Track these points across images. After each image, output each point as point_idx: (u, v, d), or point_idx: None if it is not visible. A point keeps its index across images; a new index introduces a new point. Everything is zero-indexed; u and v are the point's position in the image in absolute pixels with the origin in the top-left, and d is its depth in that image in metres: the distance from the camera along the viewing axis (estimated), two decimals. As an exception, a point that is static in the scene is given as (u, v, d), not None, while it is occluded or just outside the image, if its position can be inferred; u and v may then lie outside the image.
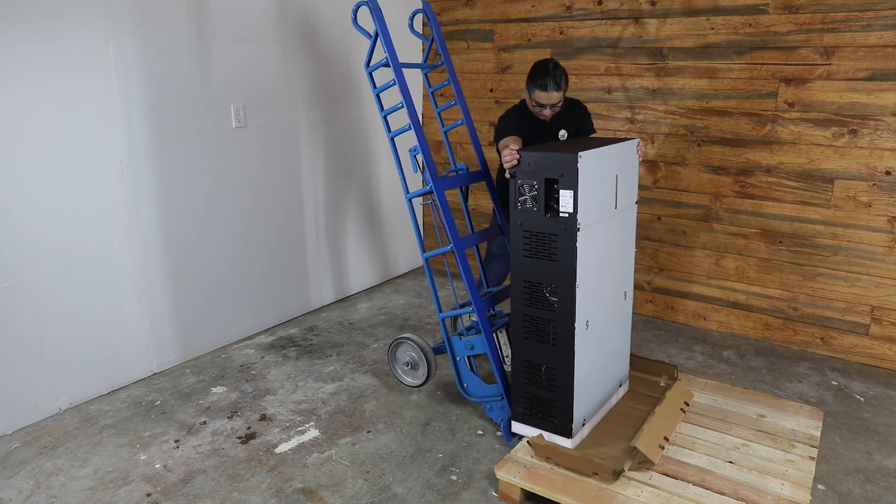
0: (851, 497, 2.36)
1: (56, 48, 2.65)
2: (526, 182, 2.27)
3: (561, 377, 2.34)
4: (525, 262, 2.34)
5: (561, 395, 2.36)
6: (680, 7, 3.57)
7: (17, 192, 2.61)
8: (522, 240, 2.32)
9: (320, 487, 2.38)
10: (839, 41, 3.19)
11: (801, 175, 3.41)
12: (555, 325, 2.31)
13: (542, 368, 2.38)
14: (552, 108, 2.82)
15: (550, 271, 2.28)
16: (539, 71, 2.75)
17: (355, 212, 4.26)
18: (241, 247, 3.56)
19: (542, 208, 2.25)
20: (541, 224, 2.27)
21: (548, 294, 2.31)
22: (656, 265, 3.96)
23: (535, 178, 2.24)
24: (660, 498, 2.13)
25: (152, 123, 3.03)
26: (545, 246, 2.27)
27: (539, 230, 2.28)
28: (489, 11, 4.26)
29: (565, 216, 2.20)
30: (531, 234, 2.30)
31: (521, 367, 2.44)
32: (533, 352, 2.39)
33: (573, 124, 2.99)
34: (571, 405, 2.34)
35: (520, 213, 2.31)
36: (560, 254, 2.25)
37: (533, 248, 2.31)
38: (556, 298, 2.29)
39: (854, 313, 3.40)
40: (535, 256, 2.30)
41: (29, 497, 2.31)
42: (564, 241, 2.22)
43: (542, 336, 2.36)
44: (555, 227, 2.24)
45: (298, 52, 3.68)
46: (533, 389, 2.42)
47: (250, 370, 3.28)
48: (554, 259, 2.26)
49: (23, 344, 2.71)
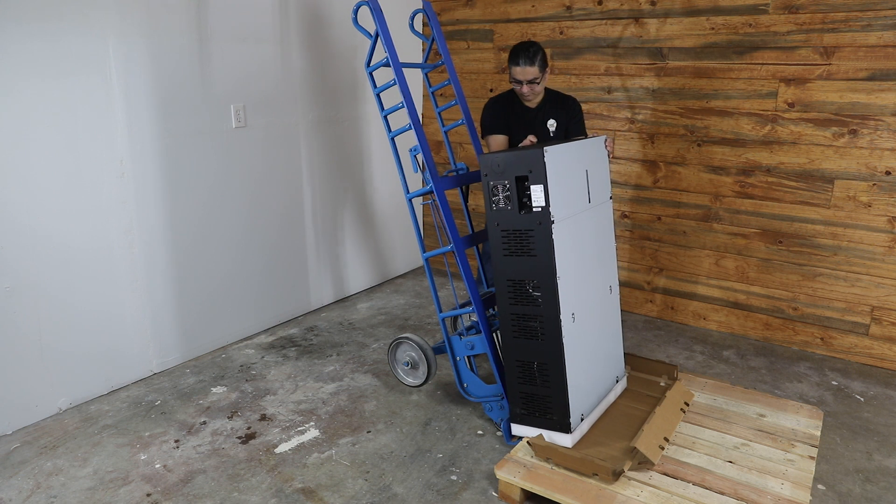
0: (851, 497, 2.36)
1: (56, 48, 2.65)
2: (498, 182, 2.32)
3: (553, 372, 2.36)
4: (506, 261, 2.38)
5: (556, 390, 2.37)
6: (680, 7, 3.57)
7: (17, 192, 2.61)
8: (501, 239, 2.37)
9: (320, 487, 2.38)
10: (839, 41, 3.19)
11: (801, 175, 3.41)
12: (541, 320, 2.34)
13: (533, 365, 2.40)
14: (530, 85, 2.91)
15: (531, 267, 2.33)
16: (515, 49, 2.90)
17: (355, 211, 4.26)
18: (241, 247, 3.56)
19: (515, 206, 2.31)
20: (516, 221, 2.32)
21: (531, 290, 2.34)
22: (656, 265, 3.96)
23: (506, 177, 2.30)
24: (660, 498, 2.13)
25: (152, 123, 3.03)
26: (523, 242, 2.32)
27: (515, 227, 2.33)
28: (489, 11, 4.27)
29: (538, 210, 2.26)
30: (508, 233, 2.35)
31: (513, 367, 2.45)
32: (523, 350, 2.41)
33: (563, 116, 3.05)
34: (567, 400, 2.35)
35: (495, 213, 2.36)
36: (538, 248, 2.29)
37: (511, 245, 2.35)
38: (539, 293, 2.32)
39: (854, 313, 3.40)
40: (515, 254, 2.35)
41: (29, 497, 2.31)
42: (540, 235, 2.28)
43: (530, 333, 2.38)
44: (530, 223, 2.29)
45: (298, 52, 3.68)
46: (527, 388, 2.43)
47: (250, 370, 3.28)
48: (532, 254, 2.31)
49: (23, 344, 2.71)
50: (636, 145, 3.86)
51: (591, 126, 3.99)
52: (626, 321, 3.97)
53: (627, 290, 4.10)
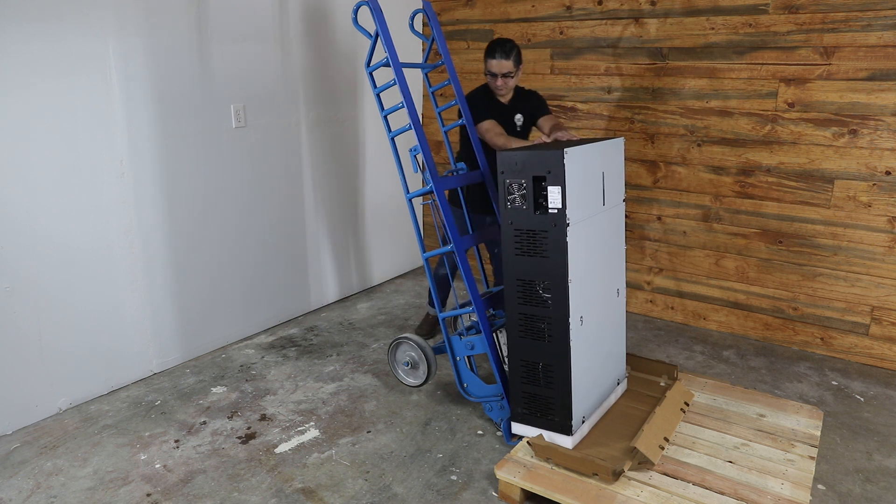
0: (851, 497, 2.36)
1: (56, 48, 2.65)
2: (514, 181, 2.29)
3: (558, 374, 2.35)
4: (517, 261, 2.36)
5: (559, 392, 2.36)
6: (680, 7, 3.57)
7: (17, 192, 2.61)
8: (513, 238, 2.35)
9: (320, 487, 2.38)
10: (839, 41, 3.19)
11: (801, 175, 3.41)
12: (549, 322, 2.33)
13: (539, 366, 2.39)
14: (504, 79, 2.99)
15: (542, 268, 2.30)
16: (492, 43, 3.00)
17: (355, 211, 4.26)
18: (241, 247, 3.56)
19: (531, 206, 2.28)
20: (531, 221, 2.29)
21: (541, 291, 2.33)
22: (656, 265, 3.96)
23: (524, 176, 2.27)
24: (660, 498, 2.13)
25: (152, 123, 3.03)
26: (536, 243, 2.30)
27: (529, 228, 2.30)
28: (489, 11, 4.26)
29: (554, 212, 2.23)
30: (522, 232, 2.32)
31: (517, 366, 2.44)
32: (529, 350, 2.40)
33: (528, 110, 3.16)
34: (570, 402, 2.34)
35: (510, 211, 2.33)
36: (551, 250, 2.27)
37: (524, 245, 2.33)
38: (550, 295, 2.31)
39: (854, 313, 3.40)
40: (527, 254, 2.33)
41: (29, 497, 2.31)
42: (555, 237, 2.25)
43: (537, 333, 2.37)
44: (545, 224, 2.26)
45: (298, 52, 3.68)
46: (531, 388, 2.43)
47: (250, 370, 3.28)
48: (545, 255, 2.29)
49: (23, 344, 2.71)
50: (636, 145, 3.86)
51: (591, 126, 3.99)
52: (626, 321, 3.97)
53: (628, 290, 4.10)
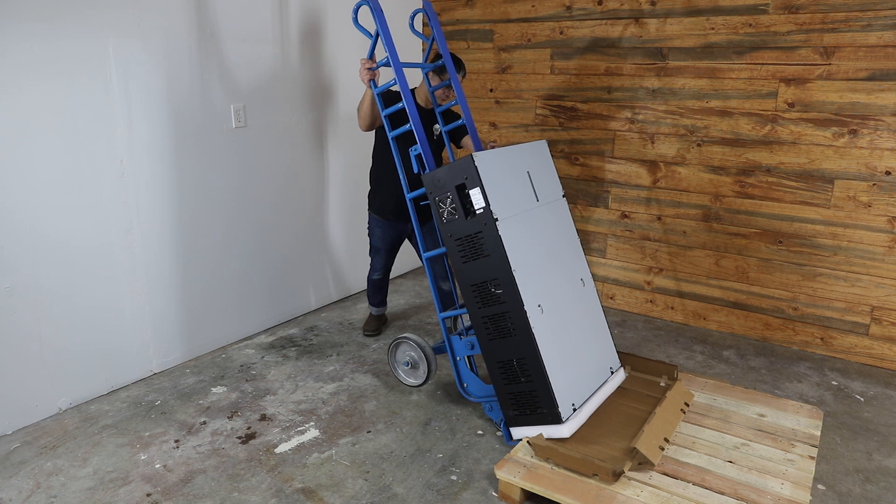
0: (851, 497, 2.36)
1: (56, 48, 2.65)
2: (441, 196, 2.47)
3: (531, 364, 2.41)
4: (466, 269, 2.49)
5: (538, 382, 2.41)
6: (680, 7, 3.57)
7: (17, 192, 2.61)
8: (457, 248, 2.49)
9: (320, 487, 2.38)
10: (839, 41, 3.19)
11: (801, 175, 3.41)
12: (509, 316, 2.41)
13: (513, 363, 2.46)
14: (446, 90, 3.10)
15: (487, 267, 2.43)
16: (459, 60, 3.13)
17: (355, 211, 4.26)
18: (242, 246, 3.56)
19: (461, 214, 2.45)
20: (465, 227, 2.45)
21: (493, 289, 2.43)
22: (656, 265, 3.96)
23: (447, 189, 2.45)
24: (660, 498, 2.13)
25: (152, 123, 3.03)
26: (475, 245, 2.45)
27: (465, 234, 2.45)
28: (489, 11, 4.27)
29: (481, 211, 2.39)
30: (461, 240, 2.47)
31: (496, 370, 2.51)
32: (501, 350, 2.48)
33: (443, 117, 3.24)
34: (551, 389, 2.39)
35: (447, 226, 2.50)
36: (489, 247, 2.41)
37: (466, 251, 2.47)
38: (501, 290, 2.41)
39: (854, 313, 3.40)
40: (472, 259, 2.47)
41: (29, 497, 2.31)
42: (489, 235, 2.40)
43: (503, 331, 2.45)
44: (477, 226, 2.42)
45: (298, 52, 3.68)
46: (514, 387, 2.49)
47: (250, 370, 3.28)
48: (487, 255, 2.42)
49: (23, 344, 2.71)
50: (636, 145, 3.86)
51: (591, 126, 4.00)
52: (626, 321, 3.97)
53: (627, 290, 4.10)
